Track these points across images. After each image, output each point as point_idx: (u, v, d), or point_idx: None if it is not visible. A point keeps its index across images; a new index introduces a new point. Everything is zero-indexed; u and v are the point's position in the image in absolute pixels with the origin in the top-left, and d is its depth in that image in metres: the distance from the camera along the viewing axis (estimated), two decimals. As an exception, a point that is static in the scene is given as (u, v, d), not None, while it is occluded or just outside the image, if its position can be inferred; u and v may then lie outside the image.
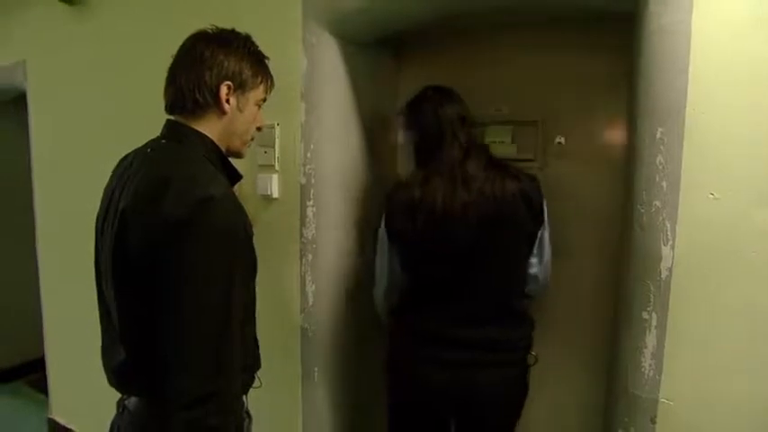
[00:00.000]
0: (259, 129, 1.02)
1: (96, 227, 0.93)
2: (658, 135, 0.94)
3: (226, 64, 0.90)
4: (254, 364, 1.03)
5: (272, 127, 1.41)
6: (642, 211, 0.98)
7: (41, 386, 2.57)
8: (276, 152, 1.43)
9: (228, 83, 0.90)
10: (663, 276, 0.95)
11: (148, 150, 0.91)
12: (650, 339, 0.97)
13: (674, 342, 0.96)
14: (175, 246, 0.76)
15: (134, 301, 0.84)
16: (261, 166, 1.46)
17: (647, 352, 0.97)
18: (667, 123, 0.93)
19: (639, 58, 0.99)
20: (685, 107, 0.91)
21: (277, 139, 1.42)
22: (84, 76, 1.98)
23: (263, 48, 0.97)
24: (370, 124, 1.53)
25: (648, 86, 0.96)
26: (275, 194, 1.45)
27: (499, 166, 1.16)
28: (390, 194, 1.22)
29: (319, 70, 1.36)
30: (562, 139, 1.41)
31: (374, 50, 1.50)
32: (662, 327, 0.96)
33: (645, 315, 0.98)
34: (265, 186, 1.45)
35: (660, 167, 0.94)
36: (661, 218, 0.95)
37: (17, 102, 2.40)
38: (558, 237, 1.26)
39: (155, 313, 0.79)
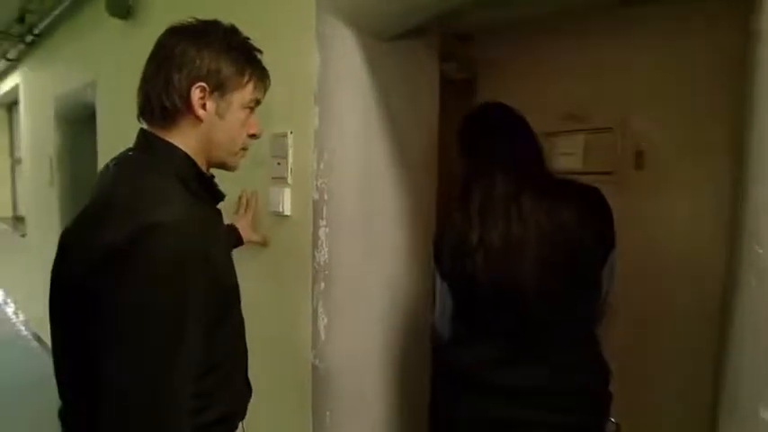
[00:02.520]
0: (253, 136, 0.87)
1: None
2: (789, 135, 0.61)
3: (198, 62, 0.76)
4: (236, 412, 0.89)
5: (285, 135, 1.26)
6: (760, 252, 0.64)
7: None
8: (289, 163, 1.27)
9: (202, 84, 0.76)
10: (794, 356, 0.61)
11: (114, 164, 0.81)
12: (773, 452, 0.63)
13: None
14: (109, 279, 0.64)
15: (67, 339, 0.74)
16: (274, 179, 1.31)
17: (768, 473, 0.63)
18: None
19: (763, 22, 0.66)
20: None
21: (290, 149, 1.26)
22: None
23: (276, 47, 0.85)
24: (399, 130, 1.31)
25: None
26: (287, 211, 1.28)
27: (557, 189, 1.02)
28: (439, 234, 1.14)
29: (334, 68, 1.17)
30: (644, 147, 1.07)
31: (404, 43, 1.28)
32: (793, 435, 0.61)
33: (762, 412, 0.64)
34: (277, 202, 1.29)
35: (792, 186, 0.61)
36: (793, 265, 0.61)
37: (93, 119, 2.56)
38: (639, 282, 0.96)
39: (85, 357, 0.67)
